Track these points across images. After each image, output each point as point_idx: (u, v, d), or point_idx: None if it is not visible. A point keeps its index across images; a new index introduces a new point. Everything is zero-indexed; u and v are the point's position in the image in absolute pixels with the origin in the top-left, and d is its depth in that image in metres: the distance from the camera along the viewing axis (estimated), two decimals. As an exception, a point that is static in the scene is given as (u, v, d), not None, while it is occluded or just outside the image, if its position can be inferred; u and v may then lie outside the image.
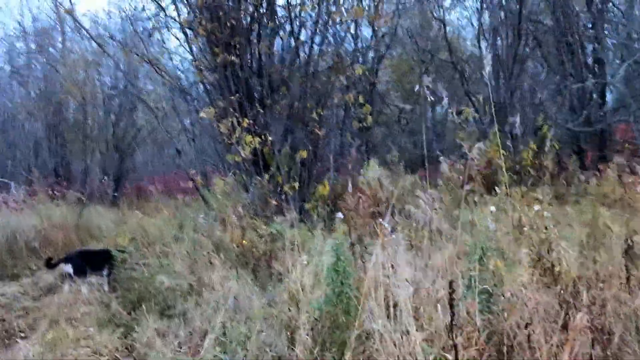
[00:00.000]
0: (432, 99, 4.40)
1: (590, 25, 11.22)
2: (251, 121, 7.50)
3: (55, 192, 12.50)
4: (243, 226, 5.66)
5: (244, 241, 5.45)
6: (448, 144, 16.52)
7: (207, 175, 10.95)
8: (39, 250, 9.66)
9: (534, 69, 11.47)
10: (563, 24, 10.86)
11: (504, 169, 8.22)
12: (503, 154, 8.46)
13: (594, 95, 11.02)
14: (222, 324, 4.14)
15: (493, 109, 9.00)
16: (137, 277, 6.37)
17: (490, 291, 3.07)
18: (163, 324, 5.08)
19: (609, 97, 11.52)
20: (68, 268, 7.14)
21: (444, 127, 17.64)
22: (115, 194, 17.20)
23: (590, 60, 11.29)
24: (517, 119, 8.00)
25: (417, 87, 4.13)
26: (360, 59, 9.11)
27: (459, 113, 16.71)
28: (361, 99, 8.69)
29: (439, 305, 3.12)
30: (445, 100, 4.53)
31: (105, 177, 16.63)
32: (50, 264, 7.49)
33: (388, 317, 3.04)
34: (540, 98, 9.30)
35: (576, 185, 7.68)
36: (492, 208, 4.31)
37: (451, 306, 2.75)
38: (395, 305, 3.04)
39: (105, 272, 7.44)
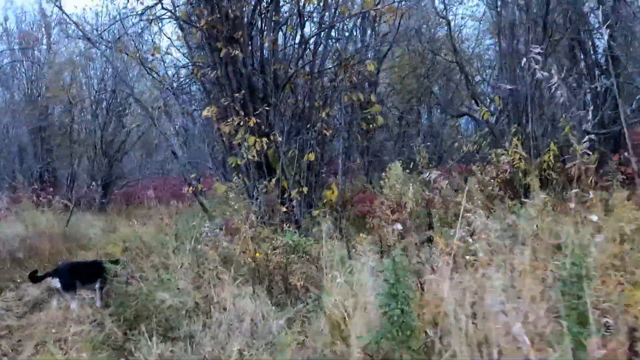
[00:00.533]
0: (543, 74, 3.87)
1: (602, 22, 10.78)
2: (258, 120, 6.91)
3: (40, 198, 11.78)
4: (254, 236, 5.06)
5: (257, 254, 4.85)
6: (447, 147, 16.08)
7: (201, 180, 10.32)
8: (24, 260, 8.97)
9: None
10: (575, 21, 10.40)
11: (530, 173, 7.73)
12: (524, 157, 8.03)
13: (607, 96, 10.55)
14: (239, 352, 3.56)
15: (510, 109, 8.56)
16: (133, 292, 5.75)
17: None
18: (166, 348, 4.48)
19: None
20: (56, 282, 6.48)
21: (440, 130, 17.16)
22: (104, 201, 16.52)
23: (603, 60, 10.84)
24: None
25: (523, 61, 3.56)
26: (371, 55, 8.54)
27: (459, 116, 16.32)
28: (373, 97, 8.15)
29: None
30: (555, 79, 3.97)
31: (93, 183, 15.91)
32: (35, 278, 6.80)
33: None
34: (562, 96, 8.80)
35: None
36: (594, 217, 3.73)
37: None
38: (482, 344, 2.45)
39: (97, 286, 6.80)
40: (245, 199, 6.75)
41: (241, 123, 6.85)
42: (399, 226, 3.82)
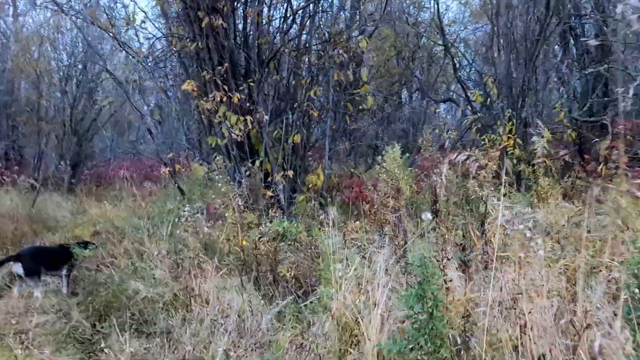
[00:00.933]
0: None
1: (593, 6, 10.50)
2: (243, 97, 6.42)
3: (4, 177, 11.11)
4: (242, 223, 4.60)
5: (243, 241, 4.41)
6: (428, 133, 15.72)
7: (175, 161, 9.77)
8: (-16, 243, 8.39)
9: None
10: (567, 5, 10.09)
11: (523, 159, 7.44)
12: (520, 143, 7.72)
13: (597, 83, 10.31)
14: (225, 353, 3.13)
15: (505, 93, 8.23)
16: (103, 281, 5.27)
17: None
18: (140, 345, 4.04)
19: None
20: (18, 268, 5.93)
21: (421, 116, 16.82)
22: (73, 181, 15.80)
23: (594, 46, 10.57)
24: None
25: (618, 7, 3.14)
26: (358, 33, 8.02)
27: (443, 101, 16.01)
28: (364, 76, 7.69)
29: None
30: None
31: (62, 163, 15.17)
32: None
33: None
34: (561, 80, 8.55)
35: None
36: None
37: None
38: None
39: (63, 273, 6.28)
40: (228, 182, 6.28)
41: (223, 99, 6.35)
42: (428, 215, 3.40)
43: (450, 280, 2.60)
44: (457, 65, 12.44)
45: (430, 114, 16.69)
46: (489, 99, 7.92)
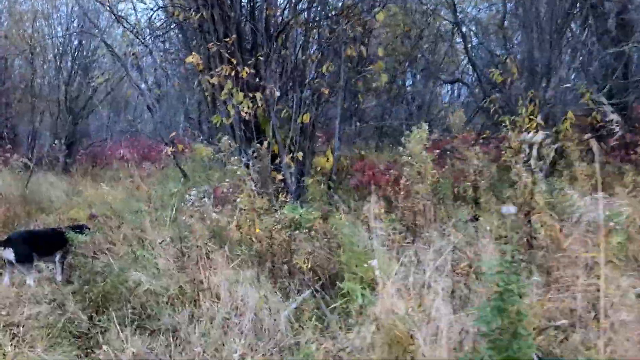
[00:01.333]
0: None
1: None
2: (253, 71, 5.96)
3: (-3, 156, 10.67)
4: (254, 208, 4.17)
5: (257, 229, 3.98)
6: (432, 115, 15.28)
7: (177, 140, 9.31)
8: (-25, 225, 7.98)
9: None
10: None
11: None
12: (542, 125, 7.29)
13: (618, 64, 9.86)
14: (241, 358, 2.73)
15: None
16: (101, 269, 4.86)
17: None
18: (142, 342, 3.64)
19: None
20: (8, 253, 5.51)
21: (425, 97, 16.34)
22: (68, 161, 15.35)
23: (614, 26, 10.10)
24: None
25: None
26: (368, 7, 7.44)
27: (452, 82, 15.54)
28: (380, 52, 7.20)
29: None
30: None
31: (57, 142, 14.69)
32: None
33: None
34: (582, 60, 8.11)
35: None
36: None
37: None
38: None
39: (57, 259, 5.87)
40: (234, 164, 5.85)
41: (231, 74, 5.88)
42: (511, 209, 2.95)
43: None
44: (469, 45, 11.96)
45: (433, 95, 16.24)
46: (509, 79, 7.46)
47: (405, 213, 3.77)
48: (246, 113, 5.92)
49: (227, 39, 6.02)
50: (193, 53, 6.09)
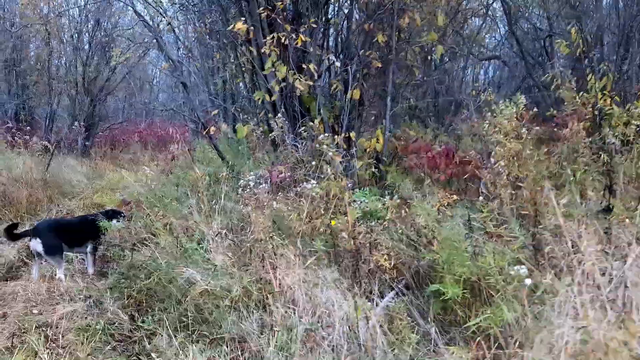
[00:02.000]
0: None
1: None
2: (308, 39, 5.32)
3: (15, 138, 10.15)
4: (329, 198, 3.54)
5: (332, 221, 3.38)
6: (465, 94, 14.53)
7: (209, 122, 8.70)
8: (-3, 210, 7.49)
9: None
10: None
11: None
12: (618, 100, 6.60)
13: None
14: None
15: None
16: (142, 263, 4.30)
17: None
18: (200, 351, 3.07)
19: None
20: (36, 244, 4.96)
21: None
22: (87, 143, 14.88)
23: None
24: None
25: None
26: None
27: (488, 59, 14.74)
28: (440, 20, 6.47)
29: None
30: None
31: (76, 124, 14.19)
32: (12, 234, 5.20)
33: None
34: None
35: None
36: None
37: None
38: None
39: (88, 250, 5.33)
40: (280, 145, 5.25)
41: (284, 42, 5.24)
42: None
43: None
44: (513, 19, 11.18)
45: (458, 73, 15.48)
46: (579, 51, 6.75)
47: (507, 202, 3.15)
48: (297, 88, 5.30)
49: (281, 2, 5.35)
50: (242, 18, 5.46)
